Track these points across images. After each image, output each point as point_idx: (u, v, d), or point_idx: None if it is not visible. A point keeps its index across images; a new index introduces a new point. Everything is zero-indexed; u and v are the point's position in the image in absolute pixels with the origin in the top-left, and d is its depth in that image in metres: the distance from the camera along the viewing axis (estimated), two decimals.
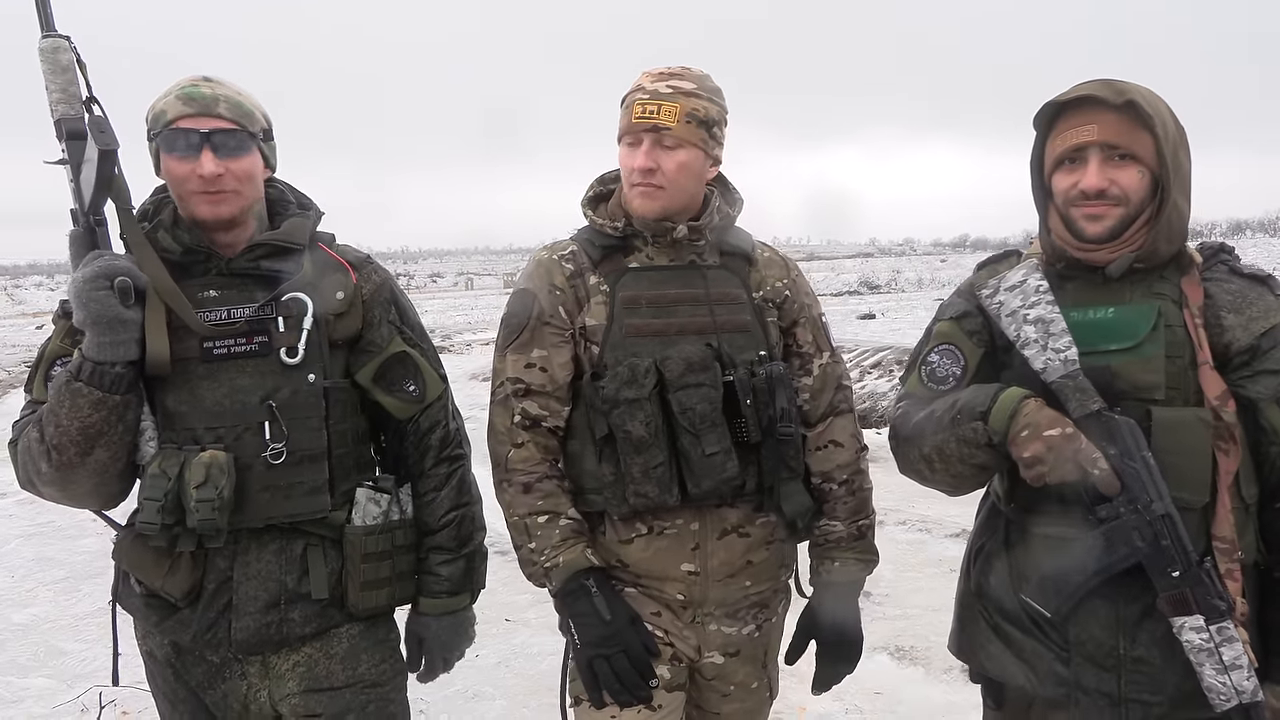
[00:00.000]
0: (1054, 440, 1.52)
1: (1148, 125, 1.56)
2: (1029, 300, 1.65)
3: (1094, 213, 1.60)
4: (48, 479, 1.65)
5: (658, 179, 1.79)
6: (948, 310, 1.83)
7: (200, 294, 1.72)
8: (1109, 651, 1.62)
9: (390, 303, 1.90)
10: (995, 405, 1.58)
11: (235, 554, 1.75)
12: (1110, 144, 1.57)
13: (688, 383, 1.75)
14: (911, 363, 1.86)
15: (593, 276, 1.86)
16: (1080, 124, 1.59)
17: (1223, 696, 1.50)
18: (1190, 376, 1.58)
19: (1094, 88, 1.59)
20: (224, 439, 1.70)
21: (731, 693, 1.95)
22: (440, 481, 1.90)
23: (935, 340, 1.80)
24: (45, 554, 5.59)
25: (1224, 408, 1.55)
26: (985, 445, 1.58)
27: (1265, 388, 1.57)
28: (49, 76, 1.65)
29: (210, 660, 1.79)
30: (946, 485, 1.74)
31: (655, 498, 1.76)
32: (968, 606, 1.85)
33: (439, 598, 1.89)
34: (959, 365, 1.75)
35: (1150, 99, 1.58)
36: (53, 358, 1.73)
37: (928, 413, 1.72)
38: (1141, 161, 1.58)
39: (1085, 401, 1.55)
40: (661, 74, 1.81)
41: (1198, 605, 1.51)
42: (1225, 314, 1.60)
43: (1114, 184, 1.58)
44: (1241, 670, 1.49)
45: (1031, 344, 1.62)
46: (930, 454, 1.69)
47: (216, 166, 1.66)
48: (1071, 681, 1.65)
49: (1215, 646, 1.50)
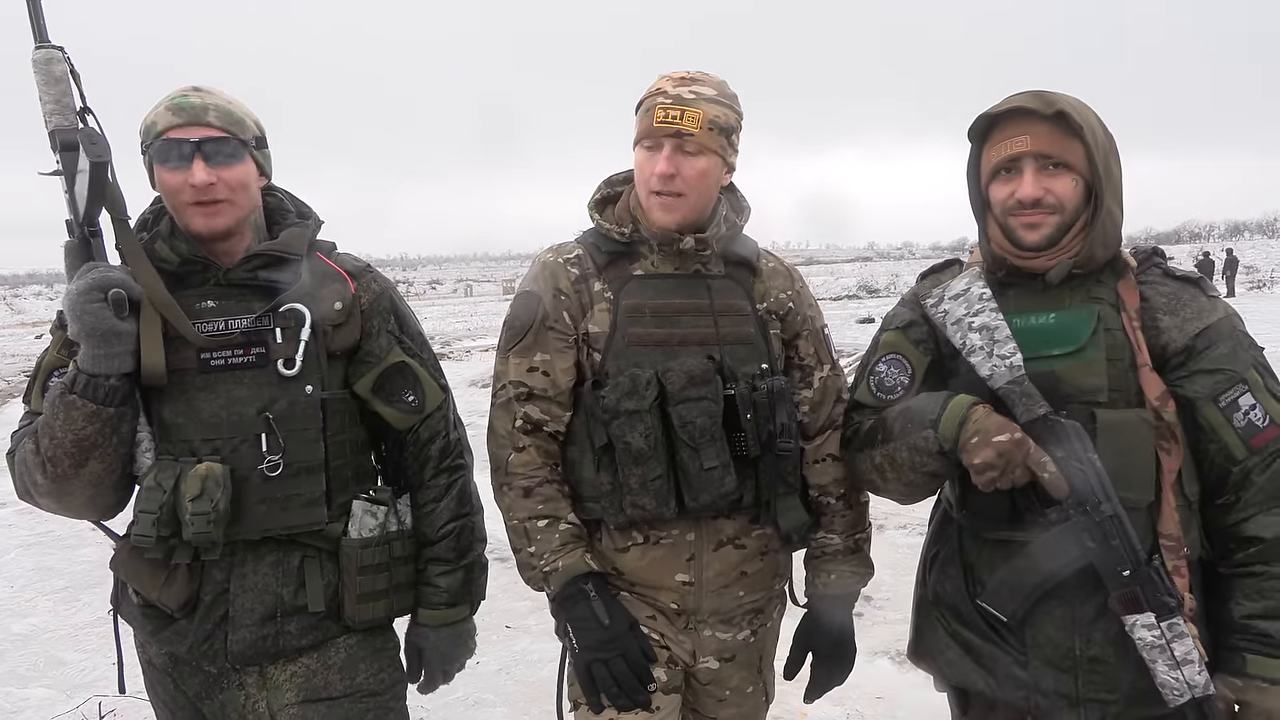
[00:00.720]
0: (1003, 445, 1.56)
1: (1078, 134, 1.61)
2: (973, 308, 1.69)
3: (1031, 221, 1.65)
4: (43, 490, 1.65)
5: (677, 185, 1.77)
6: (893, 320, 1.87)
7: (197, 305, 1.72)
8: (1065, 653, 1.66)
9: (390, 312, 1.88)
10: (944, 413, 1.62)
11: (232, 566, 1.74)
12: (1043, 153, 1.62)
13: (689, 396, 1.75)
14: (859, 373, 1.89)
15: (597, 282, 1.85)
16: (1014, 135, 1.64)
17: (1176, 692, 1.54)
18: (1131, 378, 1.62)
19: (1025, 99, 1.64)
20: (220, 451, 1.69)
21: (727, 698, 1.95)
22: (440, 492, 1.88)
23: (882, 350, 1.84)
24: (45, 564, 5.58)
25: (1164, 408, 1.59)
26: (936, 453, 1.62)
27: (1202, 386, 1.62)
28: (43, 88, 1.64)
29: (208, 670, 1.78)
30: (899, 494, 1.77)
31: (652, 509, 1.75)
32: (924, 614, 1.88)
33: (438, 609, 1.87)
34: (906, 374, 1.80)
35: (1079, 109, 1.63)
36: (50, 369, 1.72)
37: (876, 422, 1.76)
38: (1074, 170, 1.63)
39: (1032, 406, 1.60)
40: (683, 79, 1.79)
41: (1148, 603, 1.55)
42: (1161, 316, 1.64)
43: (1049, 192, 1.63)
44: (1193, 665, 1.54)
45: (977, 351, 1.66)
46: (881, 463, 1.72)
47: (208, 175, 1.66)
48: (1030, 684, 1.68)
49: (1167, 643, 1.54)
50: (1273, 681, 1.57)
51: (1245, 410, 1.60)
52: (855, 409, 1.87)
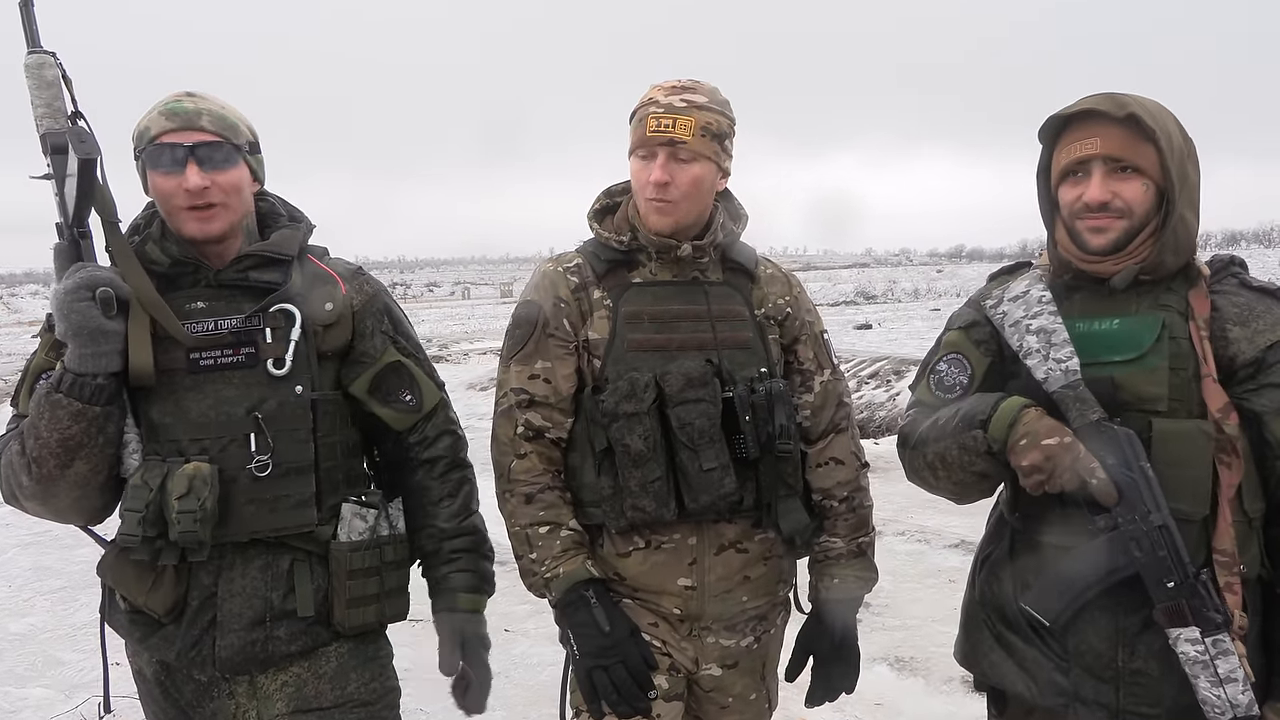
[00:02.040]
0: (1052, 449, 1.53)
1: (1151, 138, 1.57)
2: (1031, 310, 1.66)
3: (1098, 225, 1.61)
4: (29, 492, 1.64)
5: (672, 193, 1.79)
6: (957, 320, 1.85)
7: (187, 305, 1.71)
8: (1107, 663, 1.63)
9: (383, 313, 1.88)
10: (995, 414, 1.59)
11: (220, 569, 1.72)
12: (1113, 157, 1.58)
13: (687, 398, 1.76)
14: (921, 371, 1.87)
15: (596, 290, 1.87)
16: (1083, 137, 1.61)
17: (1217, 709, 1.50)
18: (1194, 389, 1.57)
19: (1097, 101, 1.60)
20: (209, 450, 1.68)
21: (730, 704, 1.95)
22: (455, 487, 1.89)
23: (944, 349, 1.82)
24: (42, 563, 5.58)
25: (1226, 420, 1.54)
26: (985, 453, 1.59)
27: (1270, 401, 1.56)
28: (34, 92, 1.64)
29: (198, 679, 1.76)
30: (950, 493, 1.75)
31: (652, 512, 1.76)
32: (972, 615, 1.85)
33: (475, 594, 1.87)
34: (966, 374, 1.77)
35: (1155, 112, 1.59)
36: (38, 371, 1.71)
37: (933, 420, 1.73)
38: (1145, 174, 1.59)
39: (1085, 411, 1.56)
40: (674, 87, 1.81)
41: (1193, 617, 1.51)
42: (1231, 326, 1.59)
43: (1117, 196, 1.59)
44: (1237, 684, 1.49)
45: (1034, 354, 1.63)
46: (934, 461, 1.70)
47: (202, 179, 1.65)
48: (1070, 692, 1.66)
49: (1210, 659, 1.50)
50: None
51: None
52: (915, 405, 1.85)
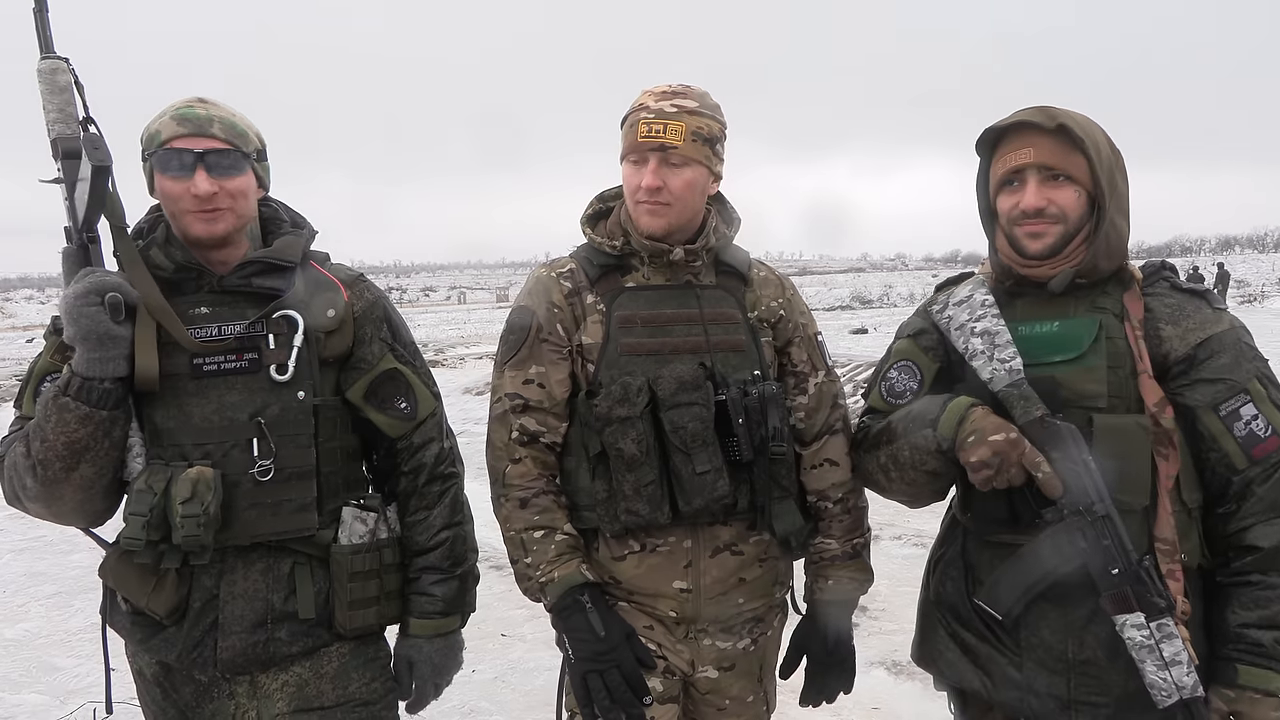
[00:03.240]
0: (999, 444, 1.60)
1: (1080, 148, 1.65)
2: (975, 314, 1.75)
3: (1035, 230, 1.69)
4: (33, 495, 1.64)
5: (664, 197, 1.81)
6: (905, 329, 1.92)
7: (191, 311, 1.72)
8: (1058, 655, 1.68)
9: (382, 320, 1.90)
10: (944, 412, 1.67)
11: (222, 572, 1.73)
12: (1046, 165, 1.67)
13: (680, 401, 1.76)
14: (873, 380, 1.94)
15: (590, 295, 1.87)
16: (1018, 148, 1.69)
17: (1163, 692, 1.55)
18: (1131, 385, 1.65)
19: (1029, 114, 1.69)
20: (212, 455, 1.69)
21: (727, 707, 1.95)
22: (433, 500, 1.89)
23: (893, 358, 1.90)
24: (36, 569, 5.56)
25: (1162, 414, 1.62)
26: (935, 451, 1.67)
27: (1202, 395, 1.64)
28: (47, 97, 1.65)
29: (198, 680, 1.77)
30: (903, 495, 1.82)
31: (646, 515, 1.76)
32: (927, 615, 1.91)
33: (431, 618, 1.87)
34: (916, 380, 1.85)
35: (1083, 124, 1.67)
36: (42, 373, 1.72)
37: (884, 425, 1.81)
38: (1076, 182, 1.67)
39: (1029, 408, 1.64)
40: (664, 92, 1.82)
41: (1138, 602, 1.57)
42: (1163, 326, 1.67)
43: (1052, 202, 1.67)
44: (1181, 666, 1.55)
45: (979, 355, 1.71)
46: (886, 463, 1.78)
47: (211, 185, 1.67)
48: (1024, 686, 1.71)
49: (1155, 643, 1.56)
50: (1265, 693, 1.57)
51: (1247, 420, 1.62)
52: (867, 413, 1.92)
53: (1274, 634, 1.58)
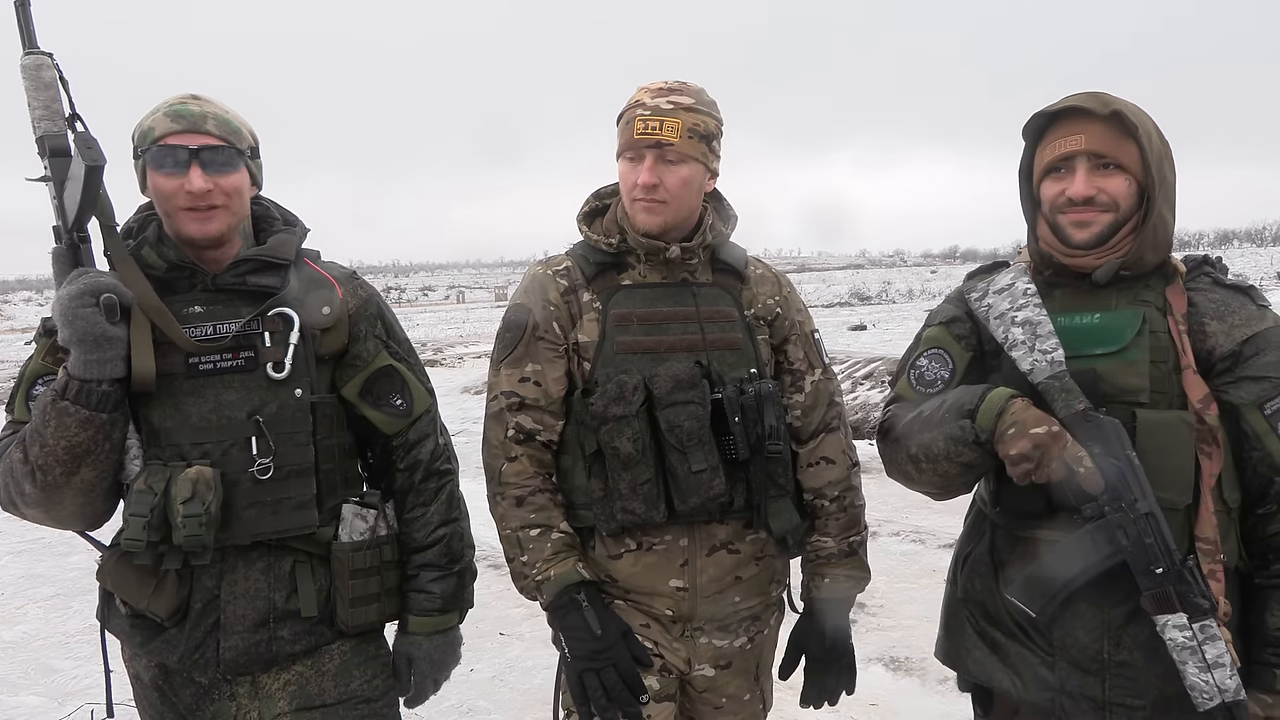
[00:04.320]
0: (1040, 438, 1.53)
1: (1133, 135, 1.61)
2: (1017, 303, 1.68)
3: (1082, 219, 1.64)
4: (32, 500, 1.63)
5: (660, 194, 1.80)
6: (937, 316, 1.86)
7: (185, 310, 1.71)
8: (1093, 656, 1.64)
9: (376, 317, 1.89)
10: (983, 404, 1.60)
11: (222, 572, 1.73)
12: (1097, 153, 1.62)
13: (675, 400, 1.76)
14: (901, 367, 1.88)
15: (586, 293, 1.87)
16: (1068, 134, 1.64)
17: (1205, 695, 1.51)
18: (1174, 381, 1.61)
19: (1081, 99, 1.63)
20: (210, 455, 1.69)
21: (724, 705, 1.95)
22: (429, 497, 1.89)
23: (924, 345, 1.83)
24: (35, 571, 5.56)
25: (1206, 411, 1.58)
26: (972, 443, 1.60)
27: (1247, 393, 1.60)
28: (31, 93, 1.63)
29: (198, 682, 1.77)
30: (933, 486, 1.75)
31: (642, 514, 1.76)
32: (954, 613, 1.86)
33: (430, 615, 1.87)
34: (947, 369, 1.78)
35: (1135, 112, 1.62)
36: (34, 377, 1.71)
37: (916, 413, 1.73)
38: (1127, 170, 1.62)
39: (1071, 402, 1.58)
40: (660, 89, 1.82)
41: (1181, 603, 1.53)
42: (1209, 321, 1.63)
43: (1101, 191, 1.63)
44: (1224, 669, 1.51)
45: (1019, 345, 1.65)
46: (917, 454, 1.70)
47: (205, 182, 1.66)
48: (1056, 686, 1.67)
49: (1198, 645, 1.52)
50: None
51: None
52: (895, 401, 1.86)
53: None
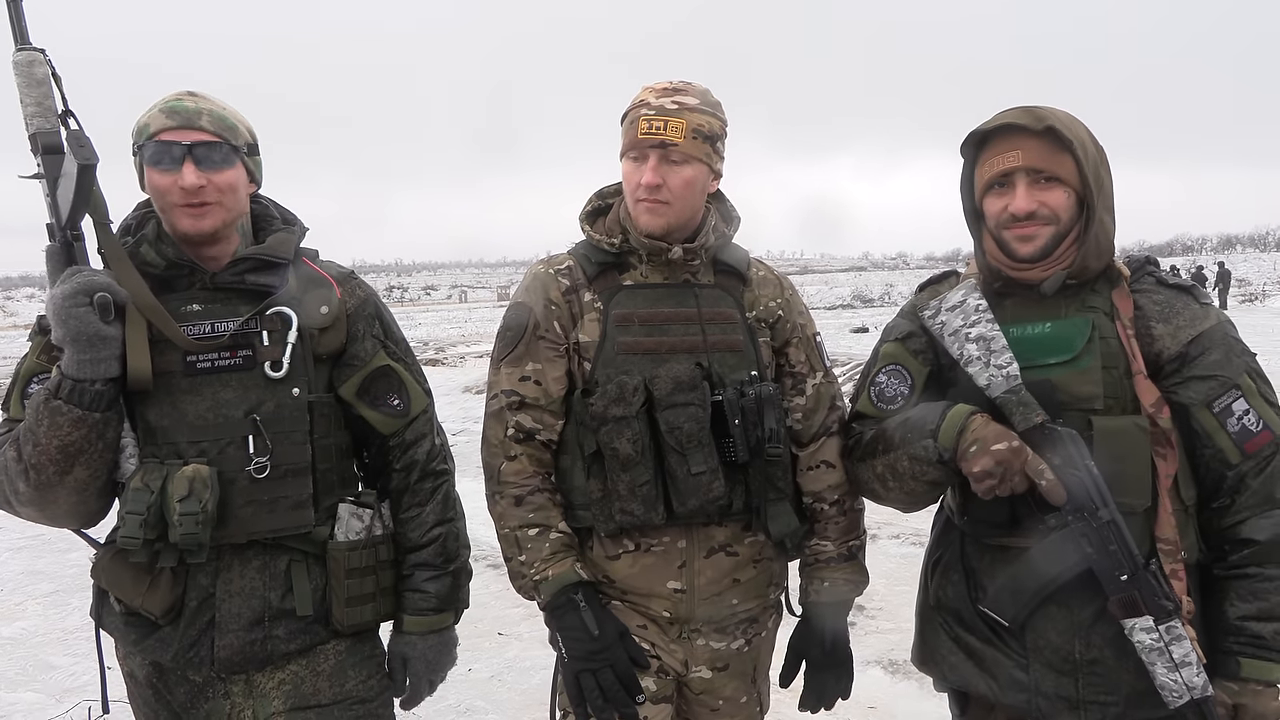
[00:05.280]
0: (1001, 454, 1.59)
1: (1068, 148, 1.64)
2: (970, 319, 1.73)
3: (1025, 233, 1.68)
4: (25, 499, 1.63)
5: (663, 194, 1.80)
6: (893, 332, 1.90)
7: (183, 308, 1.71)
8: (1065, 656, 1.68)
9: (374, 317, 1.89)
10: (943, 422, 1.65)
11: (218, 570, 1.73)
12: (1035, 168, 1.66)
13: (675, 401, 1.76)
14: (861, 384, 1.92)
15: (587, 293, 1.87)
16: (1005, 150, 1.68)
17: (1174, 693, 1.57)
18: (1126, 386, 1.65)
19: (1015, 115, 1.67)
20: (207, 453, 1.68)
21: (721, 707, 1.94)
22: (425, 497, 1.88)
23: (882, 361, 1.88)
24: (34, 567, 5.57)
25: (1159, 414, 1.62)
26: (936, 462, 1.65)
27: (1195, 393, 1.65)
28: (23, 90, 1.63)
29: (193, 680, 1.76)
30: (901, 503, 1.80)
31: (640, 515, 1.76)
32: (927, 619, 1.90)
33: (425, 615, 1.86)
34: (907, 385, 1.83)
35: (1069, 123, 1.66)
36: (29, 375, 1.71)
37: (878, 432, 1.78)
38: (1065, 183, 1.66)
39: (1029, 415, 1.63)
40: (665, 89, 1.82)
41: (1146, 606, 1.58)
42: (1155, 324, 1.67)
43: (1043, 205, 1.66)
44: (1191, 667, 1.56)
45: (974, 361, 1.70)
46: (883, 473, 1.75)
47: (198, 178, 1.66)
48: (1031, 687, 1.71)
49: (1165, 645, 1.57)
50: (1267, 684, 1.59)
51: (1239, 415, 1.63)
52: (856, 419, 1.91)
53: (1274, 625, 1.59)
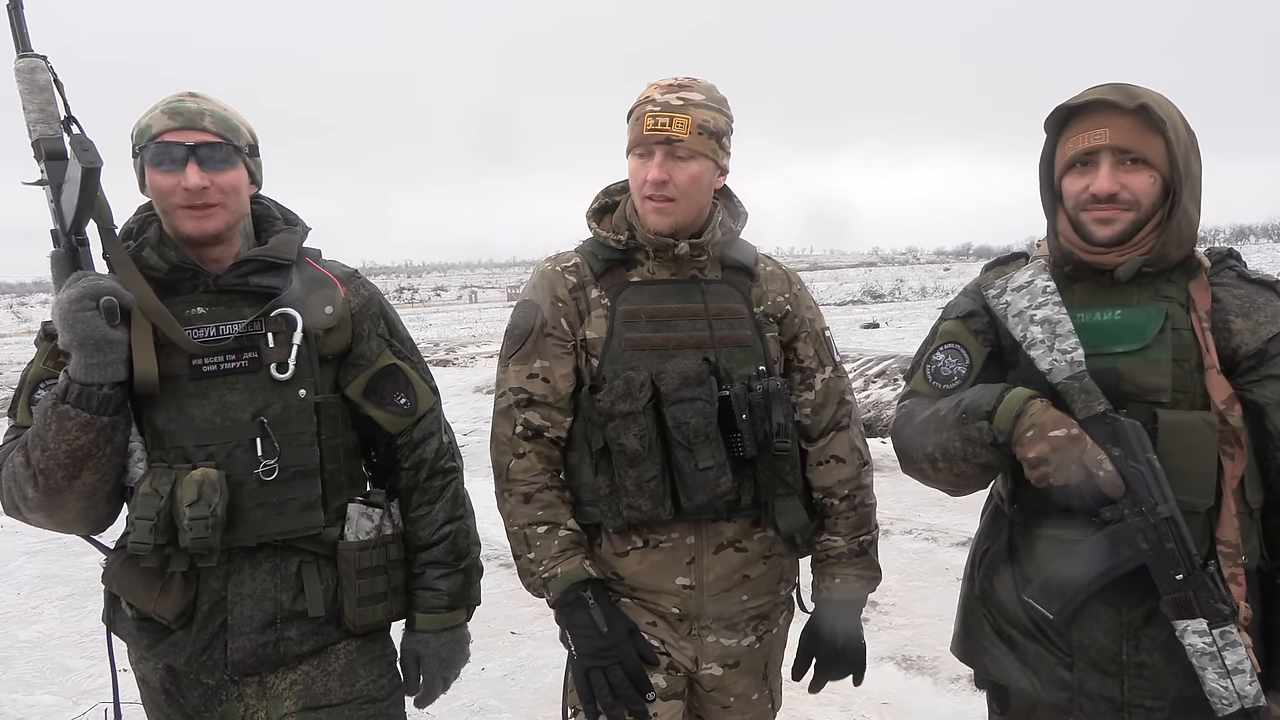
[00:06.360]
0: (1059, 441, 1.51)
1: (1159, 130, 1.56)
2: (1036, 301, 1.64)
3: (1104, 216, 1.60)
4: (34, 504, 1.63)
5: (670, 190, 1.79)
6: (954, 310, 1.83)
7: (188, 311, 1.71)
8: (1112, 657, 1.63)
9: (379, 316, 1.89)
10: (1001, 405, 1.57)
11: (229, 573, 1.73)
12: (1122, 148, 1.58)
13: (683, 397, 1.75)
14: (917, 361, 1.85)
15: (594, 289, 1.87)
16: (1092, 128, 1.60)
17: (1225, 701, 1.50)
18: (1197, 380, 1.57)
19: (1106, 91, 1.59)
20: (215, 456, 1.68)
21: (732, 704, 1.94)
22: (434, 495, 1.88)
23: (941, 339, 1.80)
24: (50, 571, 5.59)
25: (1230, 412, 1.54)
26: (990, 445, 1.57)
27: (1272, 392, 1.56)
28: (26, 96, 1.64)
29: (206, 683, 1.77)
30: (949, 485, 1.73)
31: (648, 511, 1.76)
32: (971, 610, 1.85)
33: (437, 613, 1.86)
34: (964, 364, 1.75)
35: (1162, 104, 1.58)
36: (36, 381, 1.71)
37: (932, 411, 1.70)
38: (1153, 166, 1.58)
39: (1091, 403, 1.55)
40: (670, 85, 1.81)
41: (1201, 609, 1.51)
42: (1233, 318, 1.59)
43: (1125, 188, 1.58)
44: (1244, 674, 1.49)
45: (1038, 344, 1.62)
46: (934, 453, 1.67)
47: (201, 179, 1.66)
48: (1075, 686, 1.65)
49: (1218, 650, 1.50)
50: None
51: None
52: (910, 396, 1.83)
53: None
